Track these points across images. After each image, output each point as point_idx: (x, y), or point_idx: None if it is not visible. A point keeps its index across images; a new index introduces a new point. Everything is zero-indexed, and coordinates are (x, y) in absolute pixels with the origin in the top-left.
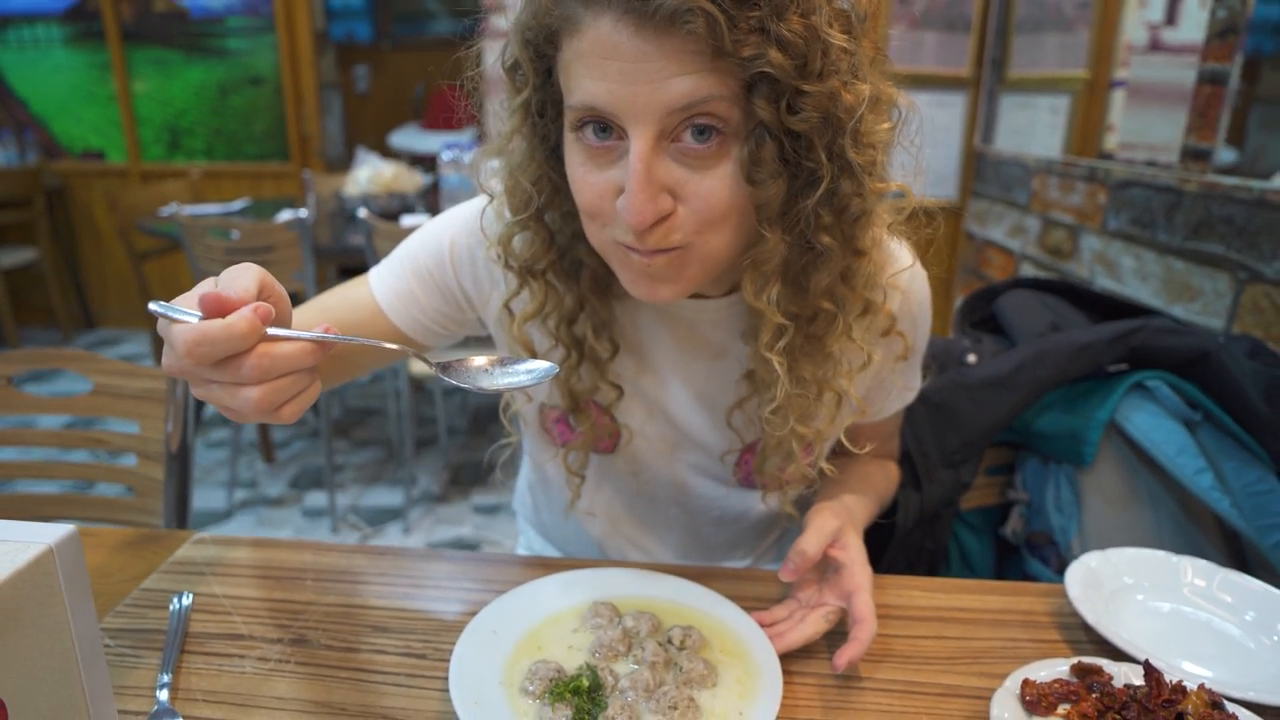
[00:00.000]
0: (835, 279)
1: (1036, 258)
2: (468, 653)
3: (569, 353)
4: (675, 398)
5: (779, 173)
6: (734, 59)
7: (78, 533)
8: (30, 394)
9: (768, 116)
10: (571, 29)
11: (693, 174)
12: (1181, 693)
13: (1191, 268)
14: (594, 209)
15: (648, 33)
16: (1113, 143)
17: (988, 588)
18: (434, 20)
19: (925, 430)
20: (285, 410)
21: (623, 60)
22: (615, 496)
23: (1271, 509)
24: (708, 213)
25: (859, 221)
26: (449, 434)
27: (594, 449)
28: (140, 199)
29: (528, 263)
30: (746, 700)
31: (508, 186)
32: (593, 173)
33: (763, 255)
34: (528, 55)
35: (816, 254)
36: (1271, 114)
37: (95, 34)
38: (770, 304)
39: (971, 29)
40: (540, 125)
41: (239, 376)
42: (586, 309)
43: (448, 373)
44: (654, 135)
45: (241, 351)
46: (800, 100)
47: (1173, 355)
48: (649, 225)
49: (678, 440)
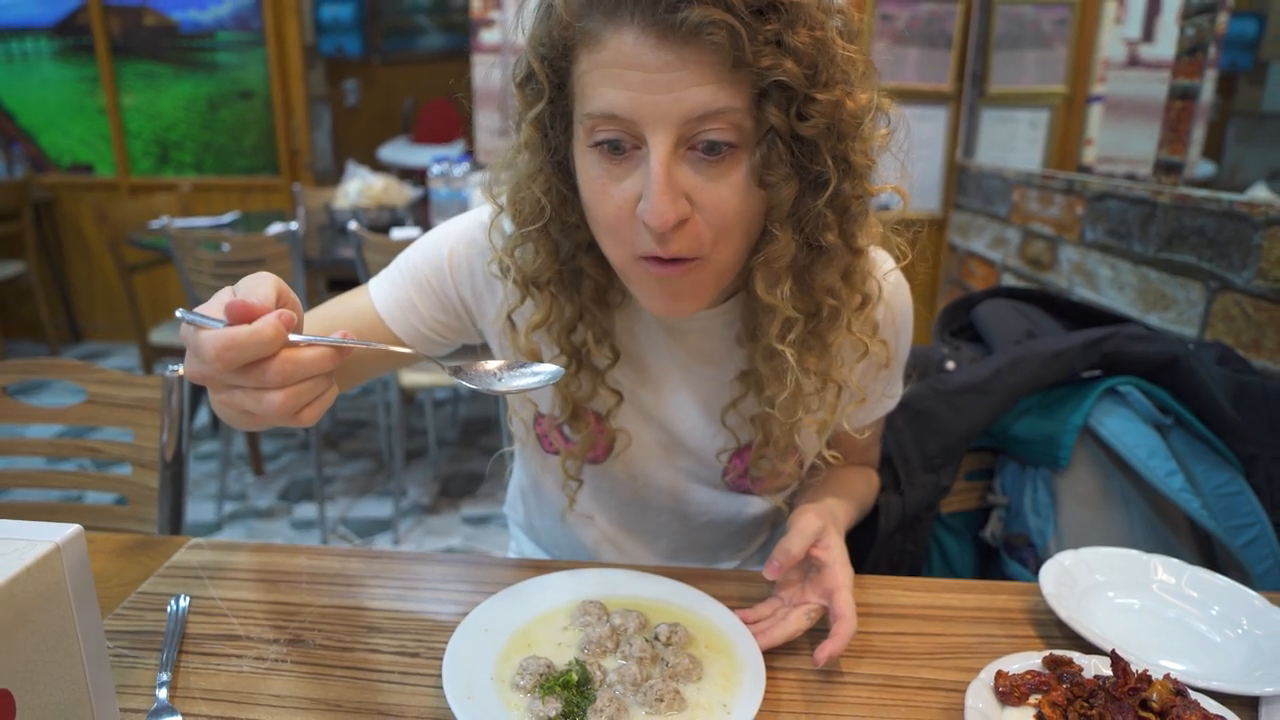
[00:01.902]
0: (837, 276)
1: (1017, 269)
2: (460, 650)
3: (569, 361)
4: (671, 405)
5: (790, 176)
6: (751, 69)
7: (83, 532)
8: (25, 404)
9: (780, 123)
10: (591, 41)
11: (707, 182)
12: (1147, 681)
13: (1165, 277)
14: (614, 221)
15: (670, 43)
16: (1091, 156)
17: (966, 586)
18: (423, 35)
19: (906, 435)
20: (305, 413)
21: (645, 70)
22: (608, 503)
23: (1240, 510)
24: (721, 219)
25: (858, 221)
26: (438, 445)
27: (588, 459)
28: (129, 212)
29: (533, 274)
30: (731, 693)
31: (515, 199)
32: (610, 185)
33: (774, 254)
34: (543, 69)
35: (821, 252)
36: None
37: (85, 48)
38: (783, 299)
39: (952, 45)
40: (551, 138)
41: (263, 381)
42: (586, 318)
43: (460, 375)
44: (673, 142)
45: (266, 356)
46: (809, 108)
47: (1144, 361)
48: (671, 226)
49: (672, 446)
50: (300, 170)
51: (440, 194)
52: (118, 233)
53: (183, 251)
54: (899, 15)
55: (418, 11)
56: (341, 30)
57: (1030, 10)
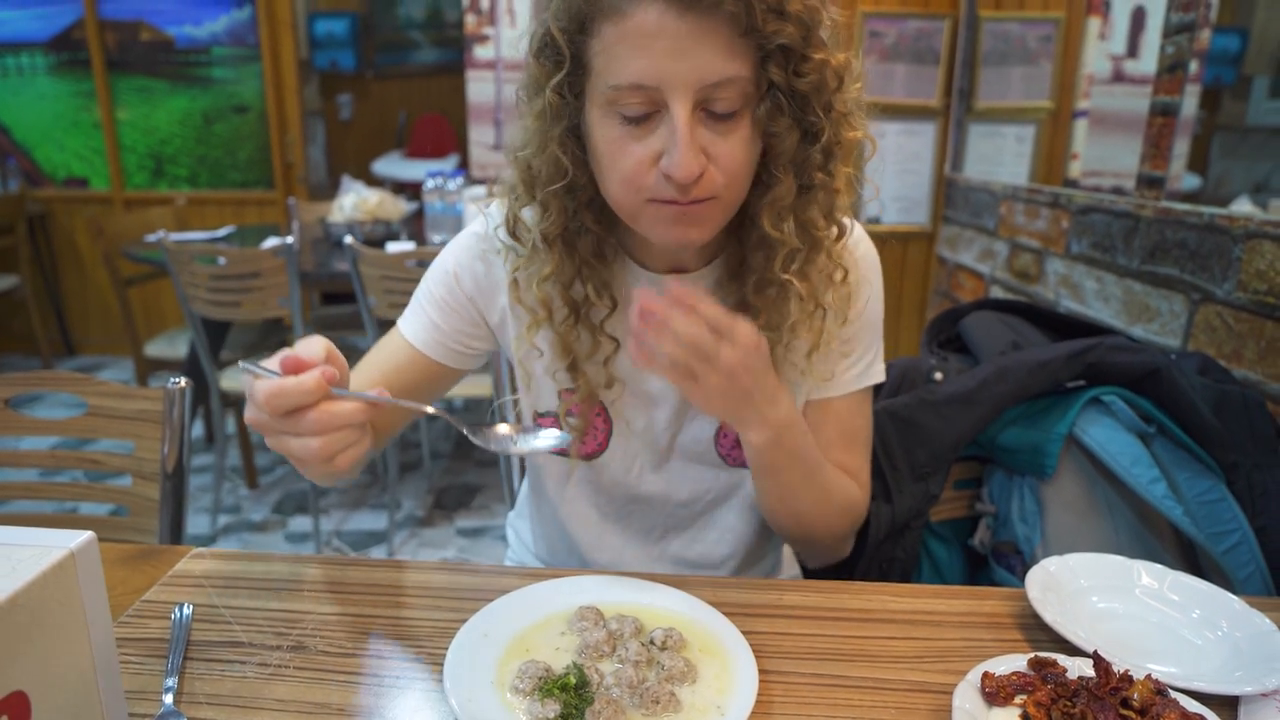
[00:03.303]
0: (820, 212)
1: (1005, 281)
2: (461, 655)
3: (569, 314)
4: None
5: (791, 127)
6: (759, 33)
7: (96, 539)
8: (27, 416)
9: (781, 80)
10: (614, 14)
11: (719, 137)
12: (1128, 681)
13: (1149, 289)
14: (633, 175)
15: (691, 14)
16: (1077, 170)
17: (954, 592)
18: (417, 50)
19: (895, 445)
20: (340, 460)
21: (668, 39)
22: (607, 499)
23: (1222, 517)
24: (733, 168)
25: (837, 163)
26: (432, 458)
27: (588, 453)
28: (124, 226)
29: (545, 230)
30: (724, 695)
31: (532, 165)
32: (631, 143)
33: (779, 195)
34: (563, 40)
35: (810, 190)
36: (1232, 141)
37: (80, 62)
38: (788, 234)
39: (940, 61)
40: (566, 105)
41: (301, 428)
42: (585, 272)
43: (476, 436)
44: (692, 104)
45: (307, 405)
46: (804, 65)
47: (1126, 371)
48: (695, 179)
49: (669, 423)
50: (294, 184)
51: (435, 208)
52: (113, 246)
53: (179, 265)
54: (887, 32)
55: (412, 27)
56: (336, 45)
57: (1016, 27)
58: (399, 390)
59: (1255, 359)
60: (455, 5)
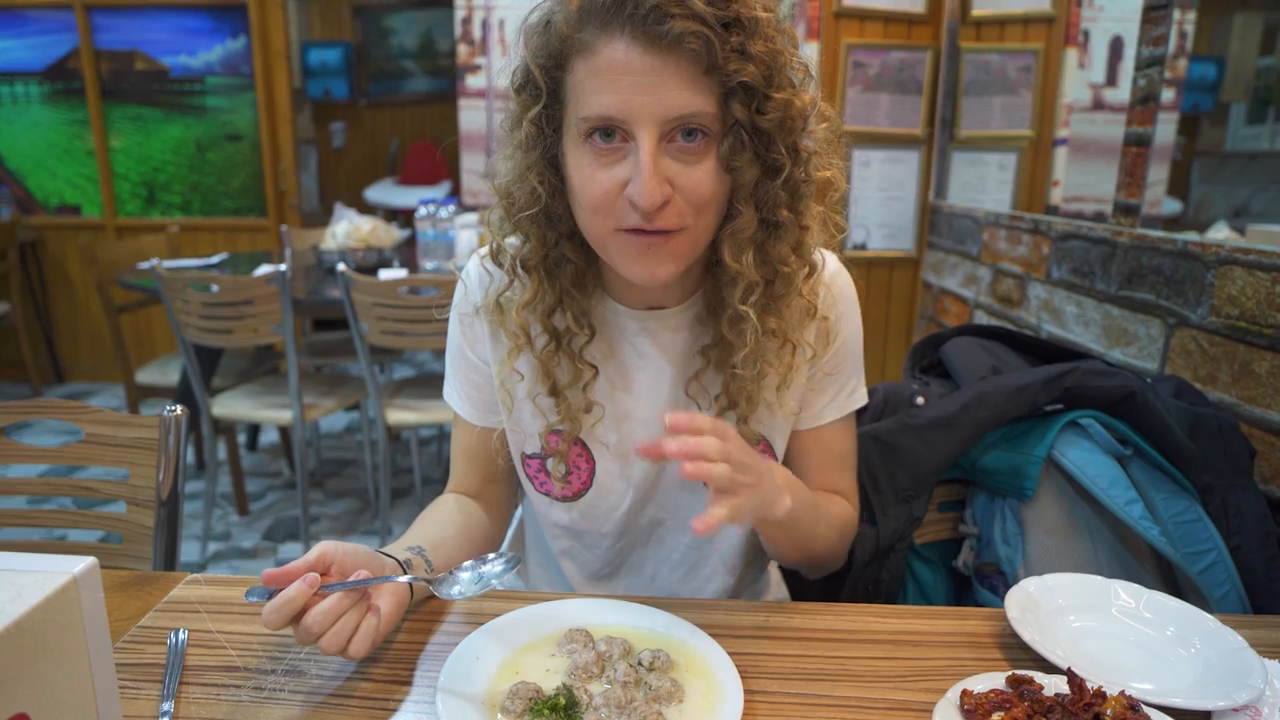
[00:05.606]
0: (788, 248)
1: (989, 306)
2: (453, 678)
3: (549, 340)
4: (648, 406)
5: (752, 162)
6: (721, 72)
7: (98, 565)
8: (18, 442)
9: (743, 117)
10: (585, 51)
11: (685, 168)
12: (1102, 697)
13: (1127, 314)
14: (600, 202)
15: (655, 51)
16: (1058, 196)
17: (936, 613)
18: (409, 79)
19: (879, 468)
20: (351, 647)
21: (634, 75)
22: (596, 539)
23: (1198, 537)
24: (698, 199)
25: (805, 201)
26: (424, 484)
27: (572, 493)
28: (117, 253)
29: (524, 258)
30: (710, 715)
31: (512, 189)
32: (600, 171)
33: (739, 226)
34: (541, 75)
35: (776, 227)
36: (1211, 167)
37: (74, 91)
38: (747, 265)
39: (923, 91)
40: (545, 135)
41: (306, 631)
42: (566, 300)
43: (436, 588)
44: (658, 136)
45: (301, 610)
46: (766, 104)
47: (1103, 395)
48: (658, 206)
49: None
50: (287, 211)
51: (427, 235)
52: (106, 274)
53: (171, 293)
54: (871, 63)
55: (404, 56)
56: (329, 74)
57: (996, 58)
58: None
59: (1229, 382)
60: (447, 35)
